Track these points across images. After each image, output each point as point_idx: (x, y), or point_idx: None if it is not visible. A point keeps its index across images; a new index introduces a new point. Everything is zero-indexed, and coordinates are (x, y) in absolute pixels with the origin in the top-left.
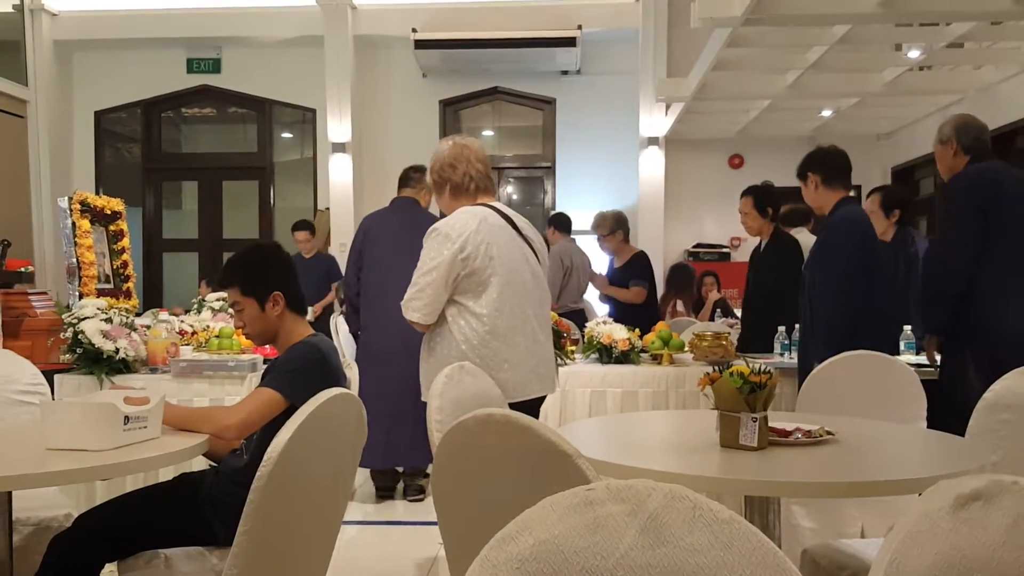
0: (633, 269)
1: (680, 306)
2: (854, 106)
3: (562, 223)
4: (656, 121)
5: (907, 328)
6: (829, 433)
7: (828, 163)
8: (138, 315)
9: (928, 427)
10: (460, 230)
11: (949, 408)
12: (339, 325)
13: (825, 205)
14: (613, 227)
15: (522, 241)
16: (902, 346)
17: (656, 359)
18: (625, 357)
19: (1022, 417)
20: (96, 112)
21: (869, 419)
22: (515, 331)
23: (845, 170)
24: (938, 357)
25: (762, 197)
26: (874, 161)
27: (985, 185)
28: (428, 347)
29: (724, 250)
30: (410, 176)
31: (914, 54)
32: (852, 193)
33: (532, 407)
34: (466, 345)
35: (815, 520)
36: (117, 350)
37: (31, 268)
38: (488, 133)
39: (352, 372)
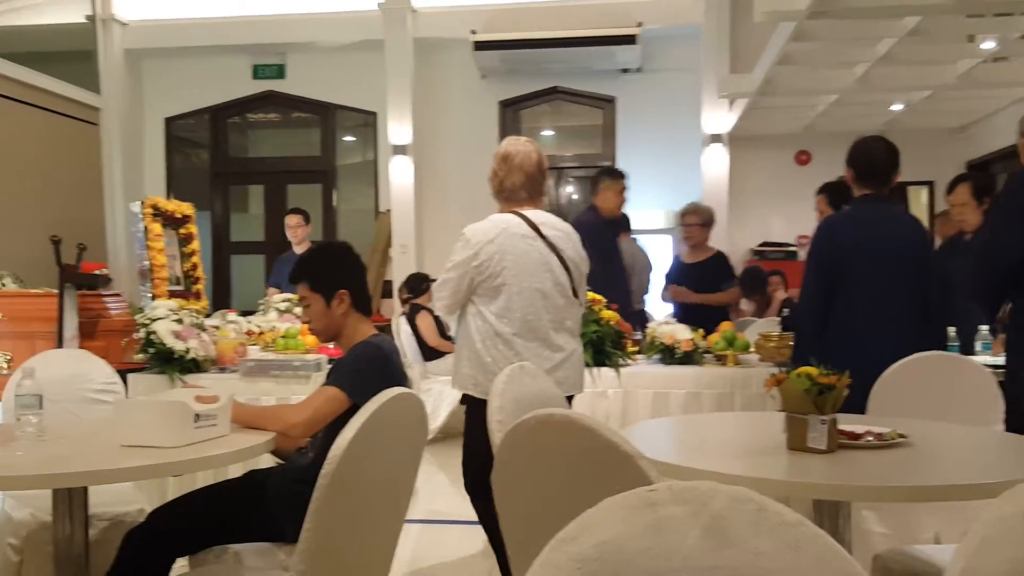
0: (719, 270)
1: (743, 305)
2: (926, 99)
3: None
4: (719, 118)
5: (983, 328)
6: (901, 436)
7: (858, 163)
8: (207, 316)
9: (1008, 430)
10: (479, 238)
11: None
12: (401, 326)
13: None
14: (708, 219)
15: (547, 250)
16: (978, 346)
17: (720, 360)
18: (688, 358)
19: None
20: (166, 118)
21: (943, 422)
22: (522, 336)
23: (875, 171)
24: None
25: (837, 195)
26: (947, 156)
27: None
28: (457, 339)
29: (791, 249)
30: None
31: (988, 45)
32: (882, 192)
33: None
34: (480, 344)
35: (887, 525)
36: (188, 350)
37: (106, 271)
38: (547, 133)
39: (413, 372)
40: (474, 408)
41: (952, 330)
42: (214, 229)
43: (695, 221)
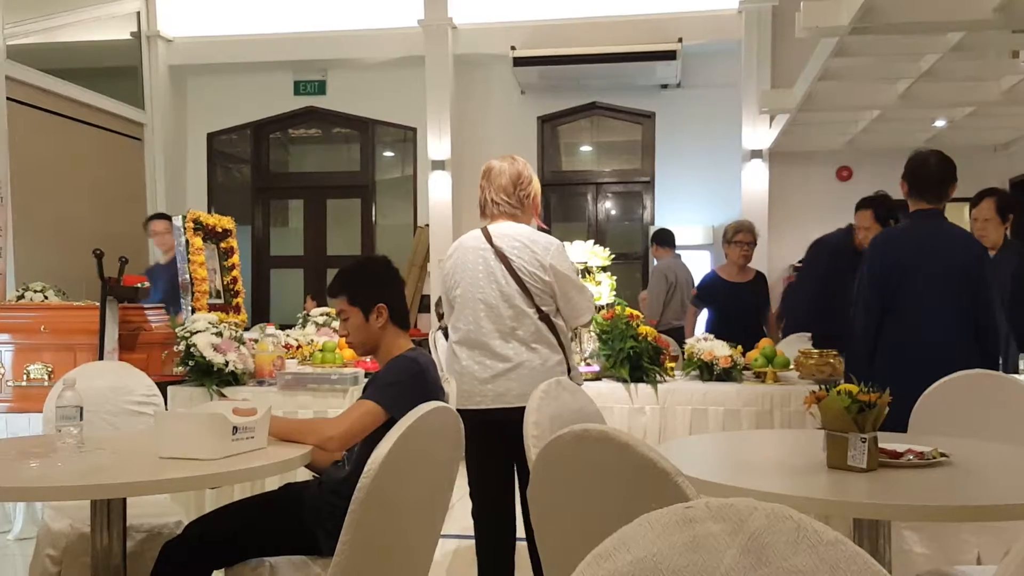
0: (761, 291)
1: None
2: (969, 115)
3: (665, 239)
4: (759, 134)
5: None
6: (943, 455)
7: (915, 176)
8: (246, 329)
9: None
10: (447, 256)
11: None
12: (438, 340)
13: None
14: (757, 237)
15: (496, 260)
16: (1022, 364)
17: (760, 377)
18: (727, 375)
19: None
20: (208, 134)
21: (985, 441)
22: (464, 344)
23: (931, 185)
24: None
25: (883, 209)
26: (991, 172)
27: None
28: None
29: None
30: None
31: None
32: (937, 207)
33: (504, 416)
34: (448, 353)
35: (928, 546)
36: (227, 363)
37: (147, 284)
38: (586, 148)
39: (450, 387)
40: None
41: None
42: (254, 243)
43: (749, 239)
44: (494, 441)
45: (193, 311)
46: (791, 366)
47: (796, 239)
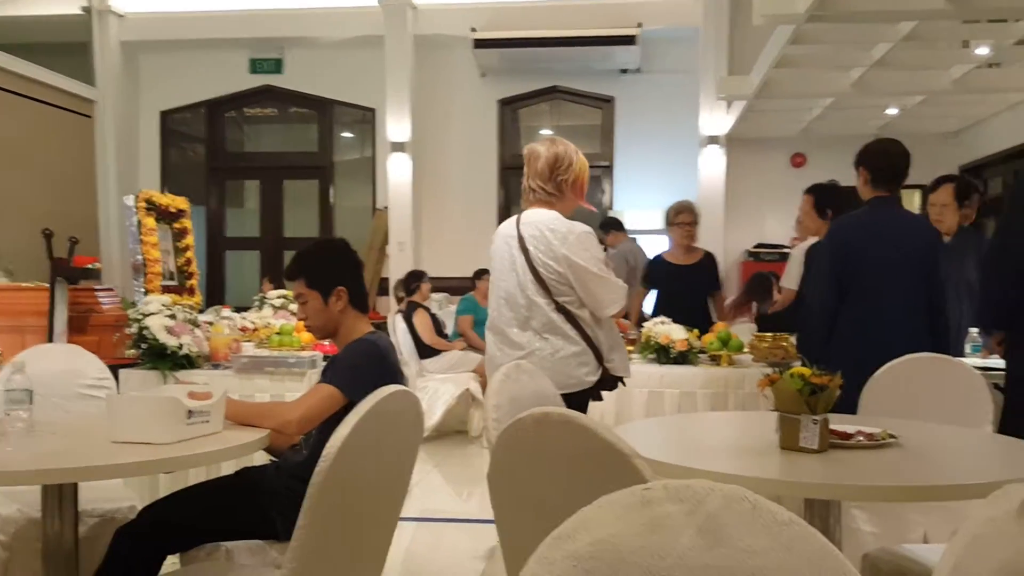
0: (712, 271)
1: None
2: (920, 104)
3: (616, 225)
4: (717, 119)
5: (973, 330)
6: (892, 436)
7: (875, 164)
8: (201, 312)
9: (999, 432)
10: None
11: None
12: (397, 323)
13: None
14: (698, 217)
15: (518, 250)
16: (967, 348)
17: (715, 360)
18: (683, 358)
19: None
20: (162, 112)
21: (933, 423)
22: (492, 331)
23: (892, 173)
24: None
25: (823, 198)
26: (941, 160)
27: None
28: None
29: (785, 250)
30: None
31: (982, 51)
32: (894, 194)
33: None
34: None
35: (876, 525)
36: (181, 346)
37: (98, 265)
38: (546, 132)
39: (409, 370)
40: None
41: (975, 331)
42: (209, 224)
43: (690, 219)
44: None
45: (146, 293)
46: (745, 349)
47: (751, 224)
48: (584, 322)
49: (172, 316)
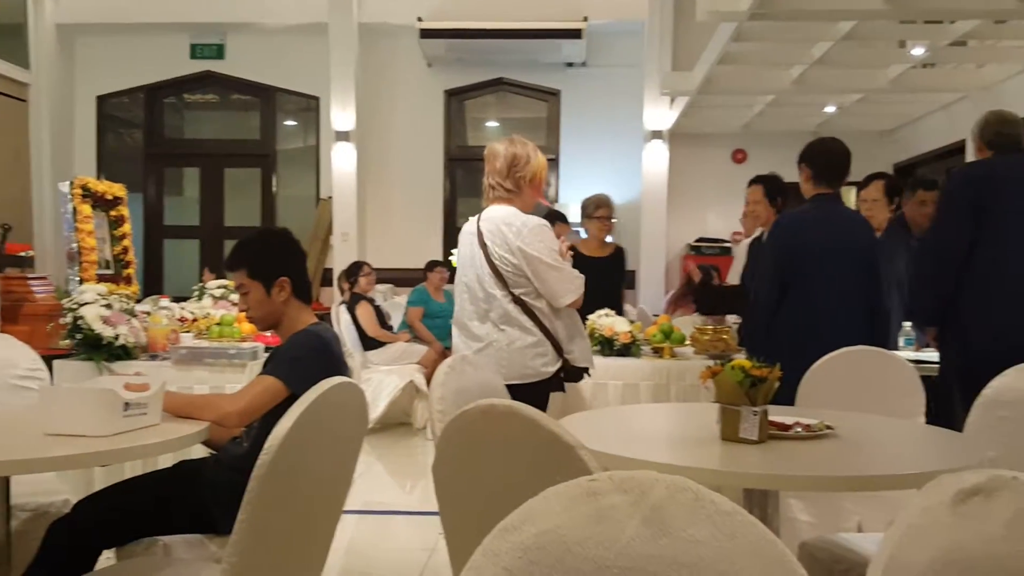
0: (621, 264)
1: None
2: (858, 102)
3: (560, 217)
4: (660, 114)
5: (907, 324)
6: (829, 427)
7: (818, 162)
8: (138, 302)
9: (929, 422)
10: None
11: (945, 402)
12: (341, 314)
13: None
14: (613, 214)
15: (477, 245)
16: (901, 342)
17: (657, 352)
18: (627, 350)
19: (1020, 414)
20: (98, 96)
21: (868, 414)
22: (456, 324)
23: (834, 171)
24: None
25: (773, 187)
26: (877, 158)
27: (975, 180)
28: None
29: (726, 244)
30: None
31: (918, 51)
32: (835, 191)
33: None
34: None
35: (813, 514)
36: (117, 336)
37: (31, 253)
38: (492, 124)
39: (353, 362)
40: None
41: (908, 325)
42: (147, 212)
43: (608, 214)
44: None
45: (81, 282)
46: (687, 342)
47: (693, 218)
48: (542, 313)
49: (108, 306)
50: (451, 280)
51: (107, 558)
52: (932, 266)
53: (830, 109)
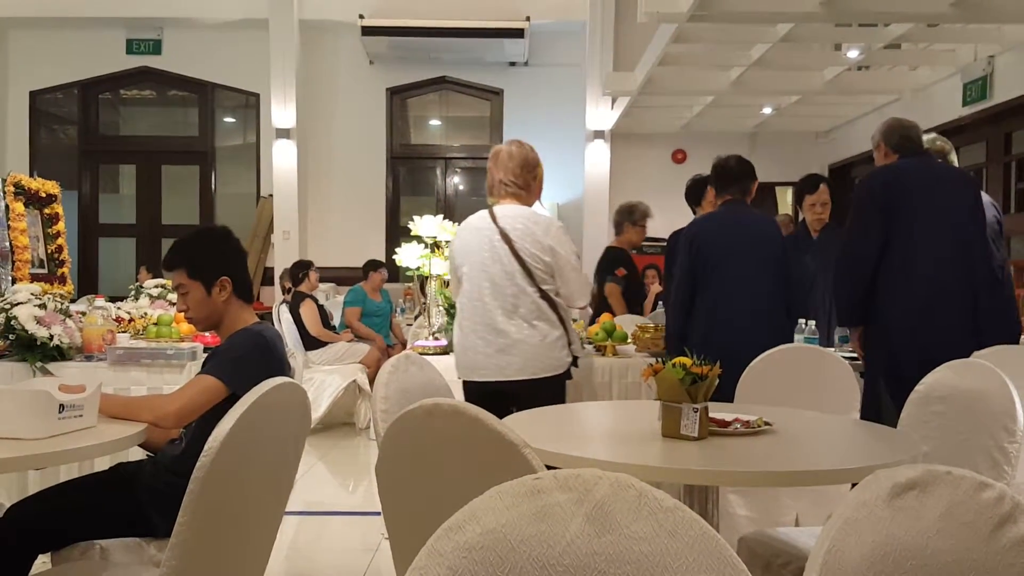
0: None
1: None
2: (794, 104)
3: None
4: (602, 114)
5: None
6: (767, 423)
7: (716, 175)
8: (73, 301)
9: (863, 417)
10: (455, 234)
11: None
12: (282, 314)
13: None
14: None
15: (500, 240)
16: (836, 339)
17: (600, 350)
18: None
19: (952, 409)
20: (31, 92)
21: (805, 410)
22: (469, 320)
23: (730, 178)
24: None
25: (691, 192)
26: (813, 158)
27: (885, 185)
28: None
29: (666, 244)
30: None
31: (853, 54)
32: (738, 197)
33: (504, 388)
34: (454, 326)
35: (751, 509)
36: (51, 337)
37: None
38: (435, 123)
39: (295, 362)
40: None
41: (812, 323)
42: (81, 210)
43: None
44: (493, 411)
45: (14, 281)
46: (629, 340)
47: None
48: (561, 308)
49: (42, 306)
50: (392, 280)
51: (42, 563)
52: (847, 269)
53: (767, 110)
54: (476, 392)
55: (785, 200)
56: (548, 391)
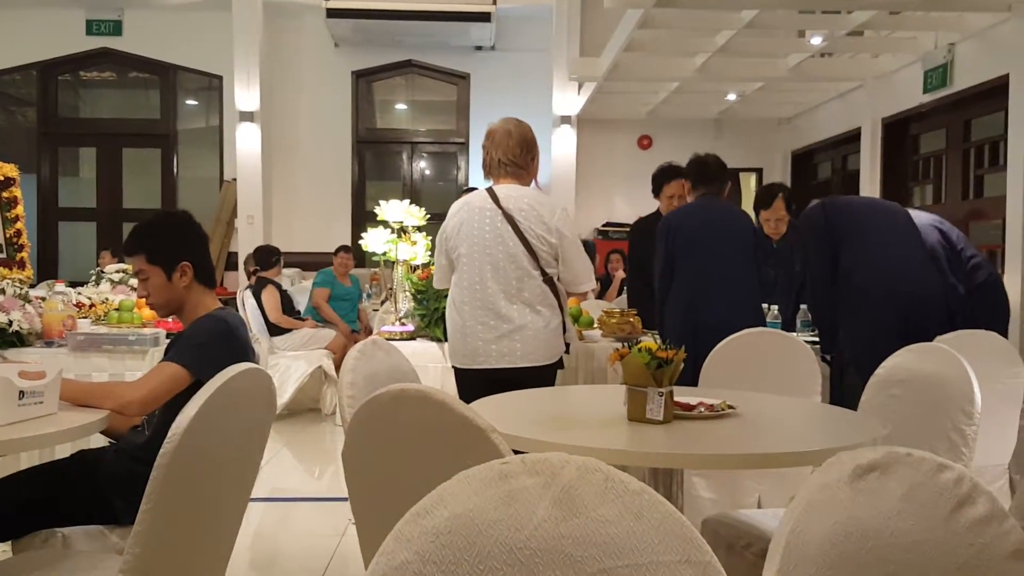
0: None
1: None
2: (758, 90)
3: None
4: (569, 100)
5: (803, 307)
6: (731, 407)
7: (692, 172)
8: (32, 286)
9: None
10: (449, 214)
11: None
12: (246, 299)
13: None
14: None
15: (503, 222)
16: (799, 324)
17: None
18: None
19: (911, 392)
20: None
21: (768, 394)
22: (469, 304)
23: (706, 175)
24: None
25: (655, 182)
26: (776, 145)
27: (832, 215)
28: None
29: (630, 230)
30: None
31: (816, 41)
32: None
33: (508, 375)
34: (449, 311)
35: (715, 491)
36: (10, 323)
37: None
38: (401, 107)
39: (260, 347)
40: (457, 376)
41: (775, 308)
42: (40, 193)
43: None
44: None
45: None
46: (595, 325)
47: (601, 204)
48: (561, 294)
49: (1, 291)
50: (358, 265)
51: (2, 551)
52: (811, 298)
53: (732, 97)
54: (472, 380)
55: (749, 185)
56: (544, 379)
